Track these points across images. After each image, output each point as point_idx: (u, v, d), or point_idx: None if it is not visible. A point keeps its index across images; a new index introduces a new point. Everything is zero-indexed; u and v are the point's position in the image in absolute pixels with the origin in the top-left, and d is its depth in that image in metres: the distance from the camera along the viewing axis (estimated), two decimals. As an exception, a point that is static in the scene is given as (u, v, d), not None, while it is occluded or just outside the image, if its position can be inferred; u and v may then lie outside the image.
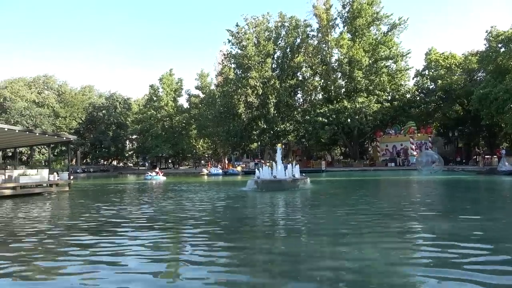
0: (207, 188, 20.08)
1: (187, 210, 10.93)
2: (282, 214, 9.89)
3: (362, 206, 10.86)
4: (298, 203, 12.42)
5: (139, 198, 15.04)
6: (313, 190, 16.72)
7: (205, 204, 12.20)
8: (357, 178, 26.96)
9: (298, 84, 49.14)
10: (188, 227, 8.17)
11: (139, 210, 11.12)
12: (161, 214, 10.28)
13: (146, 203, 13.12)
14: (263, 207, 11.47)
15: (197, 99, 65.19)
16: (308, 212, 10.07)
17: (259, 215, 9.85)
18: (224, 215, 9.88)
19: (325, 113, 43.58)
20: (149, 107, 64.55)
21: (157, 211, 10.81)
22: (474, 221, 8.02)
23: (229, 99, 47.51)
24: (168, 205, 12.34)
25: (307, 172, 29.21)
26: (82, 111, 67.87)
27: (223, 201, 13.31)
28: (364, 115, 43.87)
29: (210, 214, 10.01)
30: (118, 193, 18.49)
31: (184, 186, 22.71)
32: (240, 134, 48.24)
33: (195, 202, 13.02)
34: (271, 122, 46.74)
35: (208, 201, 13.14)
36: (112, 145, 69.14)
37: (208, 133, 57.66)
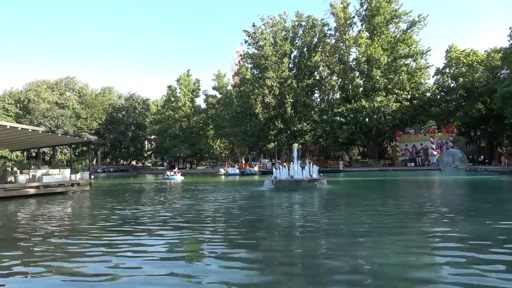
0: (225, 188, 20.15)
1: (204, 210, 11.00)
2: (299, 214, 9.83)
3: (381, 206, 10.70)
4: (315, 203, 12.34)
5: (158, 198, 15.20)
6: (330, 190, 16.59)
7: (222, 204, 12.25)
8: (376, 178, 26.60)
9: (315, 83, 48.85)
10: (206, 227, 8.21)
11: (157, 210, 11.24)
12: (179, 214, 10.37)
13: (164, 202, 13.25)
14: (280, 207, 11.43)
15: (214, 100, 65.64)
16: (325, 213, 9.99)
17: (277, 215, 9.82)
18: (242, 215, 9.88)
19: (343, 112, 43.19)
20: (167, 107, 65.37)
21: (175, 211, 10.90)
22: (499, 223, 7.78)
23: (246, 99, 47.64)
24: (186, 205, 12.44)
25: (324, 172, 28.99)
26: (102, 112, 69.24)
27: (240, 201, 13.33)
28: (383, 114, 43.25)
29: (228, 214, 10.04)
30: (137, 192, 18.76)
31: (202, 186, 22.85)
32: (257, 134, 48.33)
33: (212, 202, 13.08)
34: (288, 122, 46.62)
35: (225, 201, 13.19)
36: (131, 145, 70.33)
37: (225, 133, 58.00)
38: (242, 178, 34.82)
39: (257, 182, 25.77)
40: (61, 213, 11.15)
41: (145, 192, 18.78)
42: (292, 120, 46.77)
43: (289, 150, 50.87)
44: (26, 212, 11.51)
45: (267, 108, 47.37)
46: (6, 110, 58.28)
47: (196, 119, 65.30)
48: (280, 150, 56.78)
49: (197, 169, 65.49)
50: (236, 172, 43.05)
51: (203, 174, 50.04)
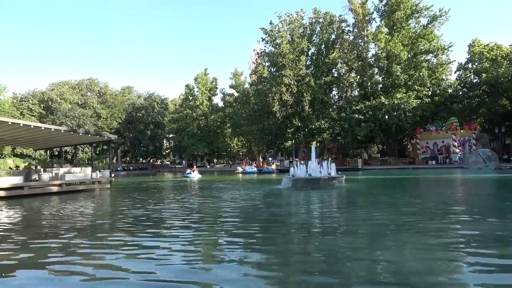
0: (242, 186, 20.22)
1: (222, 209, 11.04)
2: (317, 213, 9.76)
3: (402, 206, 10.51)
4: (334, 202, 12.23)
5: (176, 197, 15.37)
6: (349, 189, 16.44)
7: (240, 202, 12.29)
8: (396, 176, 26.18)
9: (333, 81, 48.40)
10: (224, 227, 8.23)
11: (177, 208, 11.37)
12: (197, 212, 10.45)
13: (183, 201, 13.38)
14: (298, 205, 11.39)
15: (231, 98, 65.86)
16: (344, 212, 9.88)
17: (294, 213, 9.78)
18: (259, 213, 9.87)
19: (362, 109, 42.66)
20: (185, 106, 66.03)
21: (193, 210, 11.00)
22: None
23: (263, 97, 47.61)
24: (205, 202, 12.54)
25: (342, 170, 28.68)
26: (122, 112, 70.54)
27: (258, 199, 13.33)
28: (403, 111, 42.46)
29: (245, 213, 10.06)
30: (157, 191, 19.01)
31: (220, 184, 22.97)
32: (274, 132, 48.25)
33: (230, 200, 13.14)
34: (306, 120, 46.36)
35: (243, 200, 13.22)
36: (150, 144, 71.41)
37: (242, 131, 58.13)
38: (260, 176, 34.84)
39: (275, 180, 25.73)
40: (83, 210, 11.40)
41: (164, 191, 19.00)
42: (309, 118, 46.48)
43: (306, 148, 50.60)
44: (50, 209, 11.82)
45: (285, 106, 47.21)
46: (30, 110, 60.04)
47: (213, 118, 65.72)
48: (298, 148, 56.49)
49: (215, 167, 65.93)
50: (254, 170, 43.13)
51: (221, 172, 50.30)
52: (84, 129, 52.54)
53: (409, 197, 12.81)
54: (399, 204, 10.93)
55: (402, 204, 10.94)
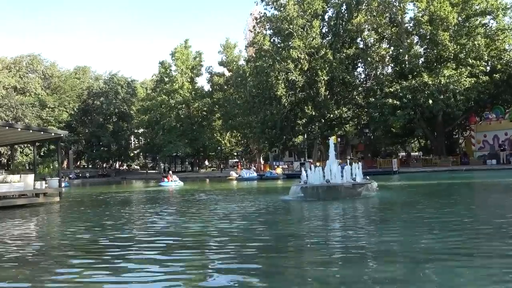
0: (237, 198, 20.26)
1: (210, 229, 10.98)
2: (339, 232, 9.73)
3: (451, 222, 10.45)
4: (360, 217, 12.21)
5: (146, 214, 15.35)
6: (381, 199, 16.46)
7: (234, 220, 12.24)
8: (443, 181, 26.14)
9: (358, 54, 48.25)
10: (214, 250, 8.15)
11: (150, 228, 11.34)
12: (177, 233, 10.41)
13: (158, 218, 13.34)
14: (313, 222, 11.34)
15: (221, 79, 65.90)
16: (375, 230, 9.84)
17: (308, 233, 9.71)
18: (260, 234, 9.81)
19: (397, 92, 42.57)
20: (159, 91, 66.14)
21: (173, 229, 10.97)
22: None
23: (265, 77, 47.52)
24: (187, 220, 12.50)
25: (372, 174, 28.63)
26: (74, 99, 70.41)
27: (258, 215, 13.31)
28: (453, 94, 42.35)
29: (241, 234, 10.01)
30: (121, 205, 19.00)
31: (206, 195, 23.02)
32: (279, 124, 48.21)
33: (218, 218, 13.02)
34: (322, 107, 46.29)
35: (238, 216, 13.18)
36: (112, 142, 71.43)
37: (237, 124, 58.14)
38: (261, 183, 34.82)
39: (281, 188, 25.63)
40: (19, 234, 11.31)
41: (131, 206, 18.98)
42: (327, 104, 46.40)
43: (323, 145, 50.53)
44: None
45: (293, 89, 47.13)
46: None
47: (198, 106, 65.79)
48: (311, 145, 56.44)
49: (200, 173, 65.96)
50: (252, 176, 43.17)
51: (209, 178, 50.23)
52: (24, 123, 52.42)
53: (460, 210, 12.75)
54: (446, 219, 10.86)
55: (451, 219, 10.88)
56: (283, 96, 46.21)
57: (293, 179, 30.45)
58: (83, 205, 20.00)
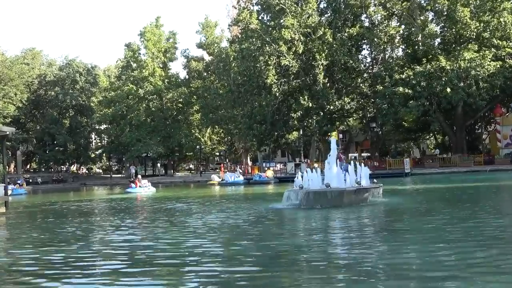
0: (219, 206, 20.20)
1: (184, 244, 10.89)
2: (341, 247, 9.73)
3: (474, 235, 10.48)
4: (366, 228, 12.23)
5: (111, 226, 15.26)
6: (390, 206, 16.55)
7: (215, 234, 12.18)
8: (464, 185, 26.25)
9: (362, 34, 48.30)
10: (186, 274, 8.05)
11: (107, 246, 11.24)
12: (140, 252, 10.28)
13: (119, 233, 13.22)
14: (310, 235, 11.31)
15: (200, 64, 65.68)
16: (383, 243, 9.84)
17: (304, 249, 9.64)
18: (246, 251, 9.73)
19: (409, 79, 42.71)
20: (126, 79, 65.70)
21: (134, 247, 10.84)
22: None
23: (252, 62, 47.40)
24: (154, 236, 12.40)
25: (380, 176, 28.62)
26: (22, 89, 69.42)
27: (244, 227, 13.28)
28: (474, 81, 42.59)
29: (224, 250, 9.97)
30: (80, 217, 18.82)
31: (182, 203, 22.87)
32: (270, 118, 48.08)
33: (198, 230, 13.01)
34: (320, 97, 46.30)
35: (220, 229, 13.14)
36: (69, 140, 70.66)
37: (219, 118, 58.01)
38: (248, 189, 34.73)
39: (272, 195, 25.55)
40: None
41: (91, 217, 18.83)
42: (326, 94, 46.37)
43: (322, 142, 50.53)
44: None
45: (286, 76, 47.04)
46: None
47: (172, 97, 65.43)
48: (308, 143, 56.46)
49: (175, 177, 65.59)
50: (238, 180, 43.11)
51: (186, 183, 49.98)
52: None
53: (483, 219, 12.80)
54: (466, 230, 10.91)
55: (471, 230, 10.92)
56: (274, 84, 46.08)
57: (287, 183, 30.43)
58: (33, 217, 19.76)
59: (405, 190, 25.01)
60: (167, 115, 65.92)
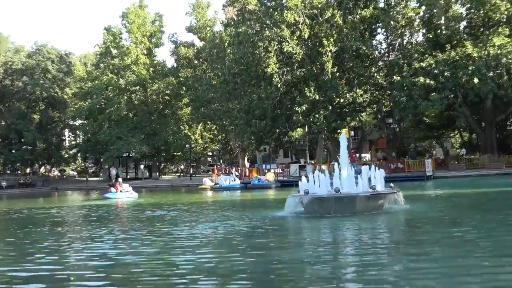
0: (212, 215, 20.14)
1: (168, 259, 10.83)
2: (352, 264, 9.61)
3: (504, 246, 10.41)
4: (381, 240, 12.10)
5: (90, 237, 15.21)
6: (409, 215, 16.53)
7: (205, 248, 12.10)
8: (495, 189, 26.10)
9: (377, 16, 48.31)
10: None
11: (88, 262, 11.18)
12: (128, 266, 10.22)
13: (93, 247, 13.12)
14: (317, 249, 11.18)
15: (190, 51, 65.54)
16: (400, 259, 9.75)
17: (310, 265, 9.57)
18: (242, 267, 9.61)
19: (431, 68, 42.67)
20: (105, 67, 65.71)
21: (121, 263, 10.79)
22: None
23: (250, 48, 47.40)
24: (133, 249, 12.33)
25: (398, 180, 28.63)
26: (-17, 79, 69.47)
27: (240, 238, 13.24)
28: (506, 70, 42.57)
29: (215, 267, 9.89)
30: (48, 227, 18.74)
31: (168, 210, 22.91)
32: (271, 113, 47.95)
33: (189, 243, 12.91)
34: (329, 88, 46.16)
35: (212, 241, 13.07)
36: (39, 138, 70.46)
37: (211, 112, 57.89)
38: (246, 194, 34.81)
39: (273, 201, 25.57)
40: None
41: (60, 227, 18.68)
42: (335, 85, 46.23)
43: (331, 141, 50.46)
44: None
45: (289, 65, 46.98)
46: None
47: (158, 88, 65.27)
48: (315, 141, 56.38)
49: (161, 180, 65.54)
50: (234, 184, 43.04)
51: (174, 188, 49.89)
52: None
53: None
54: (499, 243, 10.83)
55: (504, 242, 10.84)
56: (276, 74, 46.00)
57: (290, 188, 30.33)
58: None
59: (426, 196, 24.94)
60: (152, 109, 65.91)
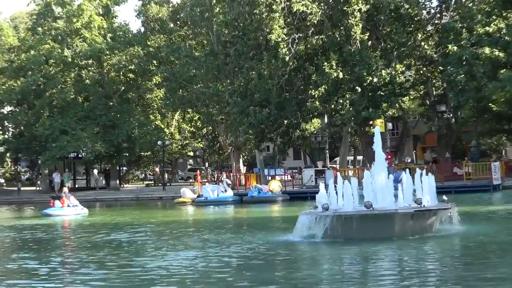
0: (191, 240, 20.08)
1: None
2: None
3: None
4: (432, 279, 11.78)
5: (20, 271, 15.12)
6: (470, 240, 16.43)
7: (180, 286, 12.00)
8: None
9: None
10: None
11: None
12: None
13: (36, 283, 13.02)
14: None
15: (164, 10, 65.51)
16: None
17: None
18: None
19: (500, 34, 42.68)
20: (44, 32, 65.51)
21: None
22: None
23: (248, 7, 47.33)
24: None
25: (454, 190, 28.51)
26: None
27: (234, 272, 13.14)
28: None
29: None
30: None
31: (131, 234, 23.02)
32: (276, 97, 47.82)
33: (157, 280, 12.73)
34: (357, 63, 46.07)
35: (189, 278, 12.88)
36: None
37: (193, 96, 57.73)
38: (241, 210, 35.10)
39: (279, 220, 25.63)
40: None
41: None
42: (366, 58, 46.17)
43: (360, 136, 50.40)
44: None
45: (302, 30, 46.99)
46: None
47: (118, 62, 65.05)
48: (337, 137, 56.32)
49: (124, 190, 65.64)
50: (225, 196, 43.08)
51: (140, 202, 49.92)
52: None
53: None
54: None
55: None
56: (283, 43, 45.98)
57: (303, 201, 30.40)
58: None
59: (493, 214, 24.87)
60: (110, 91, 65.76)
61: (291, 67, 47.35)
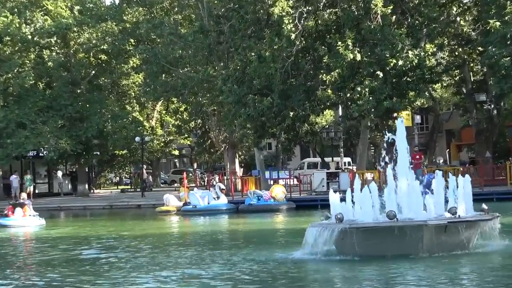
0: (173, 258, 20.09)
1: None
2: None
3: None
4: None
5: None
6: None
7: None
8: None
9: None
10: None
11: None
12: None
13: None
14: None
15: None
16: None
17: None
18: None
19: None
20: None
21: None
22: None
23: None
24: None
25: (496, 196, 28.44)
26: None
27: None
28: None
29: None
30: None
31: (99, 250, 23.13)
32: (279, 83, 47.79)
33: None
34: (379, 42, 46.06)
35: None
36: None
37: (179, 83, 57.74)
38: (237, 221, 35.34)
39: (284, 233, 25.88)
40: None
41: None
42: (390, 36, 46.18)
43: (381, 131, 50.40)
44: None
45: (311, 3, 46.96)
46: None
47: (88, 40, 65.08)
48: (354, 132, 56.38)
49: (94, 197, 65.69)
50: (217, 204, 43.08)
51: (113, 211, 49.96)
52: None
53: None
54: None
55: None
56: (288, 17, 45.98)
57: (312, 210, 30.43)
58: None
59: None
60: (77, 76, 65.80)
61: (298, 48, 47.23)
